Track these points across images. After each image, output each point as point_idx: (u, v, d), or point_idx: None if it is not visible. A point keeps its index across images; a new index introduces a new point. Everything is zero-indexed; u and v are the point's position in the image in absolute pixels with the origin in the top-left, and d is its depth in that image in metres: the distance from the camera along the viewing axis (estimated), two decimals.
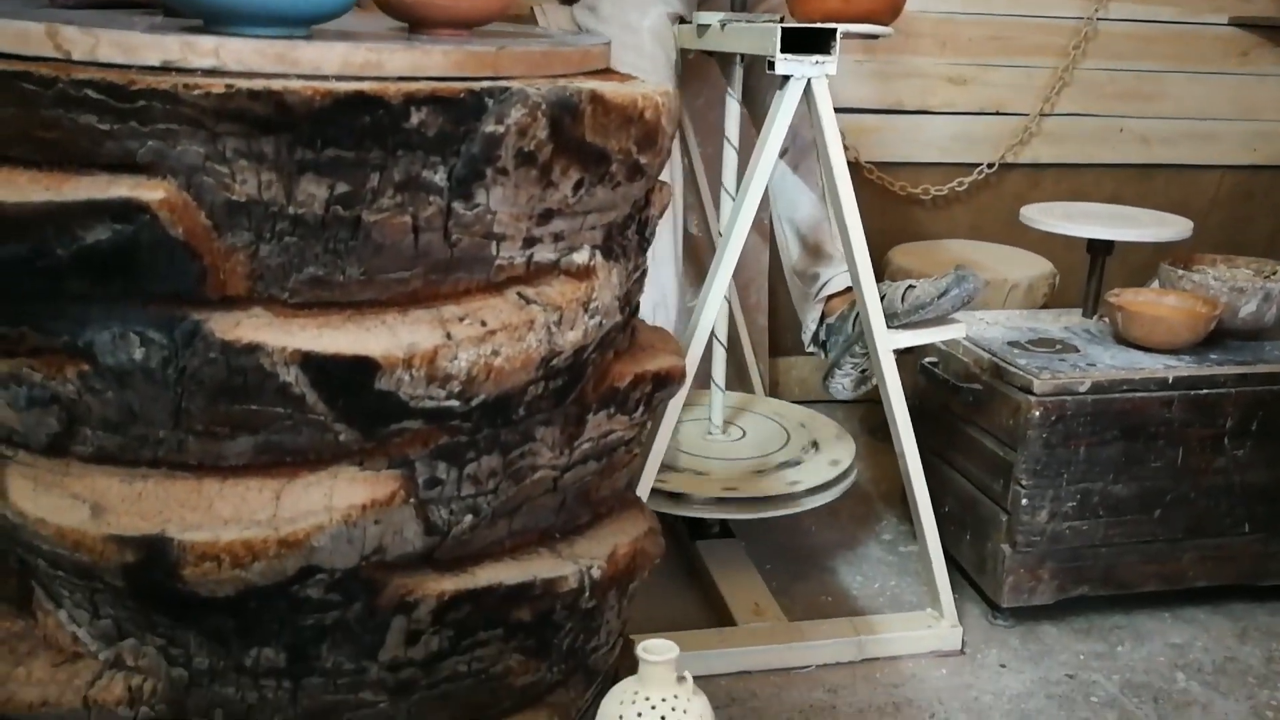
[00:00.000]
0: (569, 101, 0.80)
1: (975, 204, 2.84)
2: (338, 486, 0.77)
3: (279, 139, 0.72)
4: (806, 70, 1.61)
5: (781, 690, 1.72)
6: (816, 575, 2.06)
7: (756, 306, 2.66)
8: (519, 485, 0.87)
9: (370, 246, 0.77)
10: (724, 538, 2.09)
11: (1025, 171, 2.84)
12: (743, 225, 1.67)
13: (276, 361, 0.73)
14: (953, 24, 2.69)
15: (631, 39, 1.86)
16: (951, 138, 2.78)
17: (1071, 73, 2.75)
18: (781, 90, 1.63)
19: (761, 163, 1.65)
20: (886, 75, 2.70)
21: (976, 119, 2.77)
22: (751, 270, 2.64)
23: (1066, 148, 2.83)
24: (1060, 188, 2.86)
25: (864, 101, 2.71)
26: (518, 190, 0.81)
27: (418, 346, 0.76)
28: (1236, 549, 1.93)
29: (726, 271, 1.67)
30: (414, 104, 0.74)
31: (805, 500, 1.90)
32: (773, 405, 2.32)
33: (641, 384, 0.94)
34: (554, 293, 0.84)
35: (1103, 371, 1.82)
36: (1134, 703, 1.71)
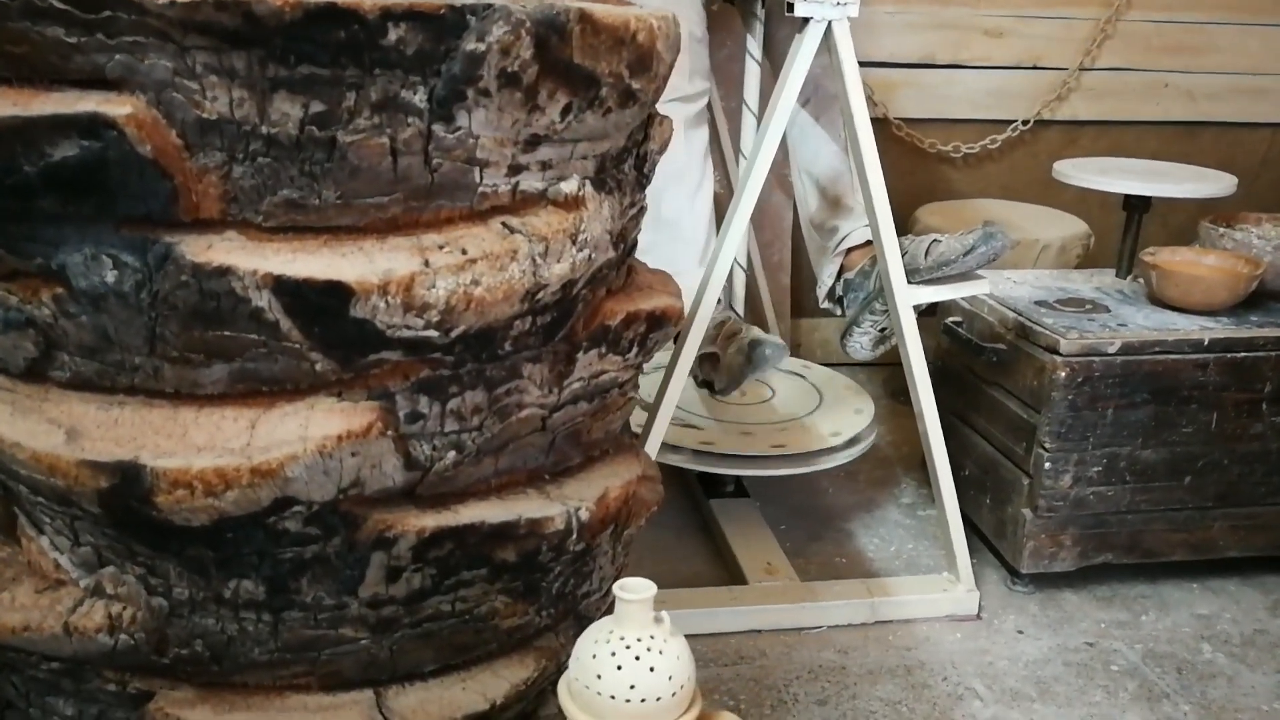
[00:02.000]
0: (555, 20, 0.78)
1: (1008, 162, 2.78)
2: (314, 417, 0.76)
3: (250, 54, 0.71)
4: (826, 11, 1.57)
5: (791, 650, 1.71)
6: (832, 536, 2.04)
7: (779, 265, 2.63)
8: (505, 423, 0.86)
9: (347, 169, 0.75)
10: (739, 496, 2.08)
11: (1062, 129, 2.77)
12: (756, 179, 1.64)
13: (248, 285, 0.72)
14: None
15: None
16: (985, 93, 2.71)
17: (1114, 24, 2.67)
18: (800, 34, 1.60)
19: (778, 111, 1.62)
20: (918, 27, 2.64)
21: (1012, 73, 2.71)
22: (775, 228, 2.61)
23: (1107, 104, 2.76)
24: (1099, 145, 2.79)
25: (894, 55, 2.65)
26: (501, 113, 0.79)
27: (394, 273, 0.75)
28: (1270, 519, 1.89)
29: (740, 226, 1.64)
30: (391, 19, 0.72)
31: (818, 460, 1.88)
32: (793, 365, 2.30)
33: (635, 323, 0.92)
34: (540, 223, 0.82)
35: (1134, 332, 1.78)
36: (1156, 672, 1.69)
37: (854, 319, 1.80)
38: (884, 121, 2.68)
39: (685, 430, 1.90)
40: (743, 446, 1.87)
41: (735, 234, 1.64)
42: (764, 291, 2.58)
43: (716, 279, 1.64)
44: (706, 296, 1.60)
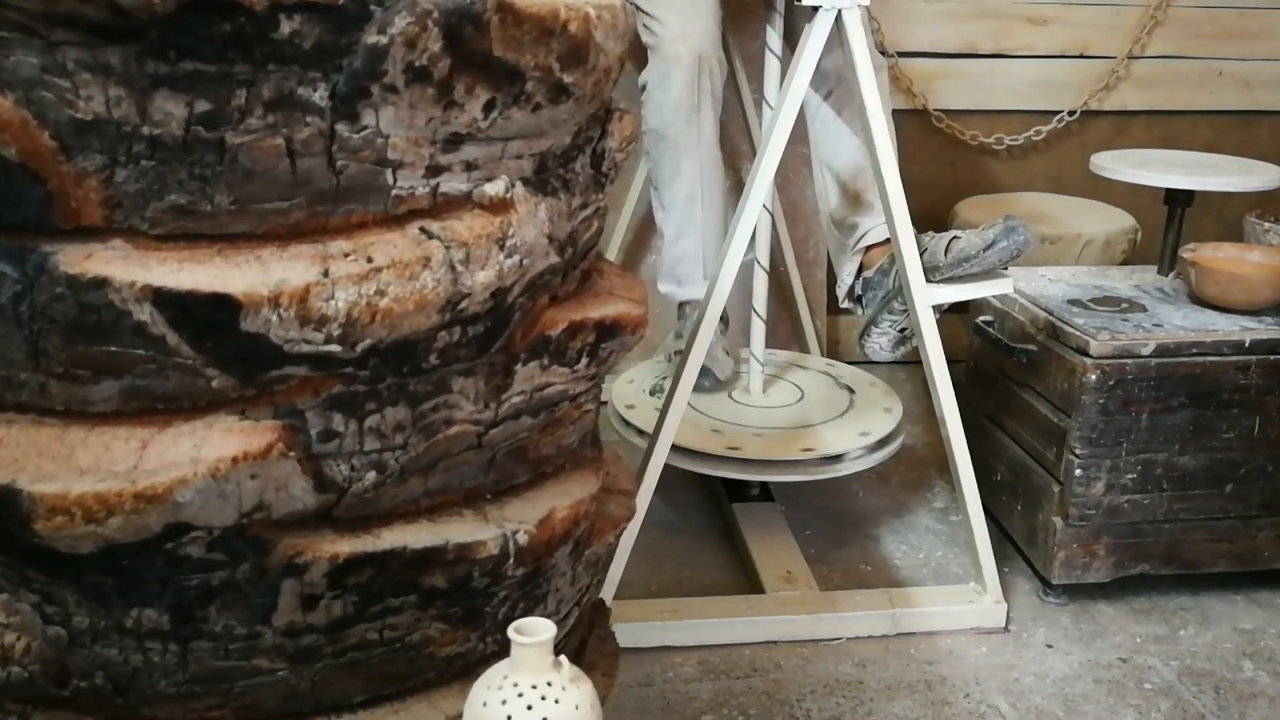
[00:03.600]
0: (469, 10, 0.68)
1: (1054, 154, 2.61)
2: (210, 437, 0.69)
3: (125, 50, 0.63)
4: (837, 1, 1.46)
5: (808, 662, 1.60)
6: (859, 542, 1.92)
7: (814, 261, 2.51)
8: (432, 440, 0.77)
9: (240, 172, 0.67)
10: (763, 501, 1.97)
11: (1111, 119, 2.59)
12: (765, 173, 1.52)
13: (127, 298, 0.65)
14: None
15: None
16: (1030, 83, 2.54)
17: (1165, 10, 2.48)
18: (810, 23, 1.48)
19: (787, 102, 1.50)
20: (958, 16, 2.48)
21: (1058, 62, 2.53)
22: (809, 224, 2.49)
23: (1158, 93, 2.56)
24: (1150, 136, 2.60)
25: (933, 45, 2.50)
26: (413, 111, 0.70)
27: (286, 284, 0.66)
28: None
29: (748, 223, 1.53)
30: (283, 11, 0.64)
31: (840, 466, 1.77)
32: (823, 365, 2.18)
33: (581, 333, 0.83)
34: (462, 228, 0.73)
35: (1169, 333, 1.62)
36: (1192, 691, 1.54)
37: (872, 318, 1.67)
38: (924, 113, 2.53)
39: (706, 434, 1.80)
40: (765, 451, 1.76)
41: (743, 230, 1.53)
42: (797, 288, 2.46)
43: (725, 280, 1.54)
44: (712, 305, 1.50)
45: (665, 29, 1.71)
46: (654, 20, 1.75)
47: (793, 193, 2.43)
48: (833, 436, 1.81)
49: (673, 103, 1.68)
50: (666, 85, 1.69)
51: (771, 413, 1.91)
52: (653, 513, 1.65)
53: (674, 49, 1.70)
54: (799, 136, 1.95)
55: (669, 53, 1.70)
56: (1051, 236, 2.22)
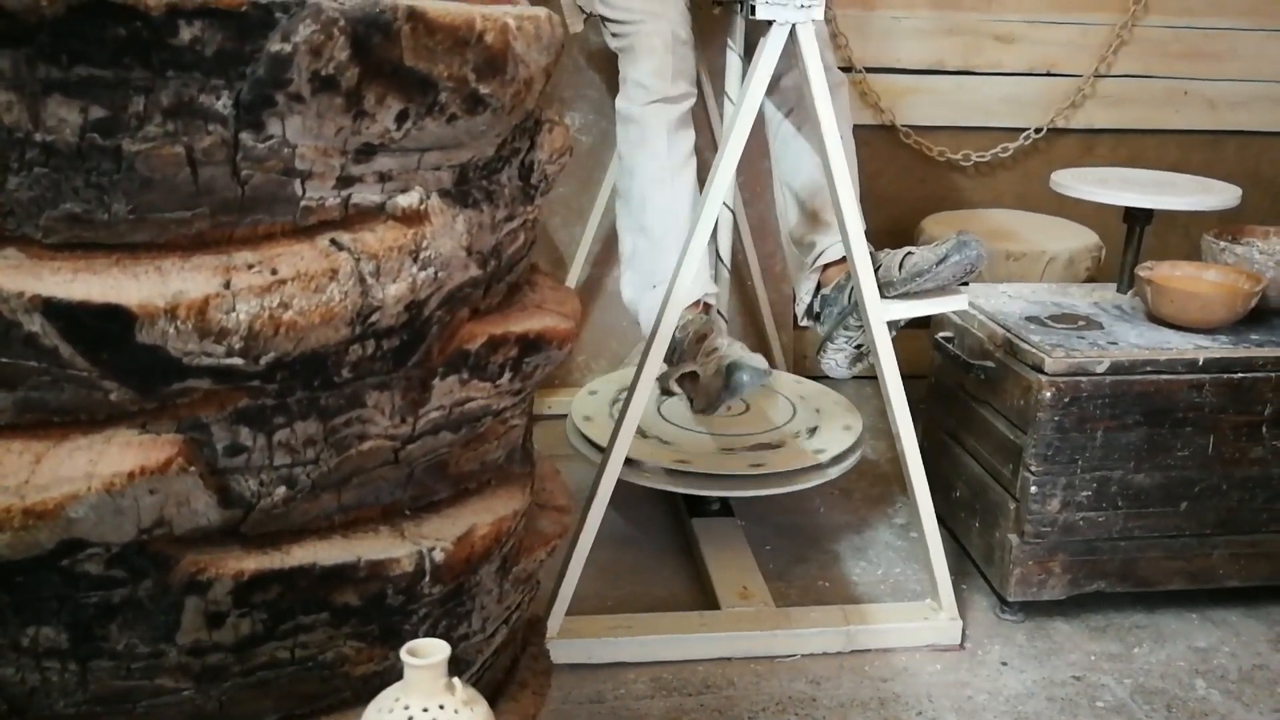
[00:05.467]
0: (378, 19, 0.67)
1: (1021, 171, 2.61)
2: (107, 452, 0.67)
3: (16, 53, 0.62)
4: (790, 15, 1.45)
5: (761, 679, 1.58)
6: (818, 558, 1.91)
7: (781, 276, 2.50)
8: (344, 455, 0.75)
9: (137, 181, 0.66)
10: (723, 516, 1.96)
11: (1078, 137, 2.60)
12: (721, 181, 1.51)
13: (16, 307, 0.63)
14: None
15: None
16: (997, 100, 2.55)
17: (1131, 30, 2.49)
18: (765, 35, 1.47)
19: (741, 117, 1.49)
20: (927, 32, 2.48)
21: (1025, 80, 2.54)
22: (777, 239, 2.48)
23: (1124, 111, 2.57)
24: (1117, 154, 2.60)
25: (902, 61, 2.50)
26: (321, 120, 0.69)
27: (184, 295, 0.65)
28: (1273, 547, 1.71)
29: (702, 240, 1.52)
30: (182, 16, 0.63)
31: (796, 480, 1.75)
32: (786, 379, 2.17)
33: (503, 347, 0.82)
34: (373, 240, 0.72)
35: (1124, 351, 1.62)
36: (1144, 710, 1.53)
37: (828, 334, 1.66)
38: (892, 129, 2.53)
39: (662, 447, 1.79)
40: (722, 465, 1.75)
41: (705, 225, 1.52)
42: (764, 303, 2.45)
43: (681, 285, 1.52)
44: (667, 315, 1.48)
45: (637, 26, 1.70)
46: (623, 24, 1.74)
47: (760, 207, 2.42)
48: (792, 451, 1.80)
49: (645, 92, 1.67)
50: (639, 76, 1.68)
51: (731, 426, 1.90)
52: (611, 527, 1.63)
53: (647, 41, 1.69)
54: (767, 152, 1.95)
55: (642, 46, 1.69)
56: (1016, 253, 2.22)
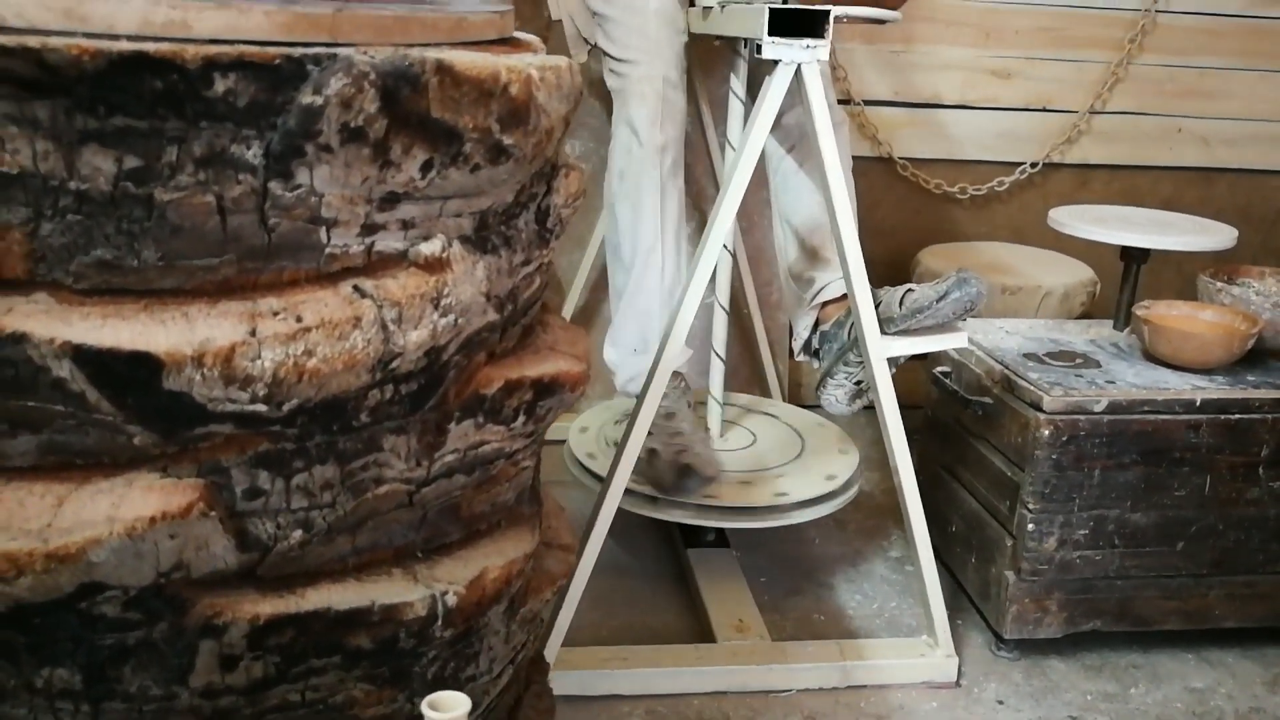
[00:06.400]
0: (408, 72, 0.69)
1: (1017, 205, 2.65)
2: (129, 495, 0.68)
3: (54, 104, 0.63)
4: (796, 55, 1.47)
5: (757, 714, 1.60)
6: (813, 591, 1.92)
7: (777, 305, 2.52)
8: (361, 499, 0.77)
9: (168, 228, 0.67)
10: (719, 547, 1.97)
11: (1073, 172, 2.64)
12: (723, 221, 1.54)
13: (46, 354, 0.64)
14: (998, 14, 2.50)
15: (637, 21, 1.75)
16: (993, 134, 2.59)
17: (1126, 68, 2.53)
18: (770, 75, 1.50)
19: (747, 152, 1.52)
20: (925, 67, 2.52)
21: (1021, 115, 2.58)
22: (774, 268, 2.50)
23: (1119, 148, 2.61)
24: (1111, 189, 2.65)
25: (899, 95, 2.54)
26: (348, 170, 0.70)
27: (211, 343, 0.66)
28: (1269, 588, 1.73)
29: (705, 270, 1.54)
30: (217, 69, 0.64)
31: (793, 514, 1.77)
32: (783, 409, 2.19)
33: (518, 391, 0.83)
34: (395, 286, 0.73)
35: (1122, 390, 1.64)
36: None
37: (828, 370, 1.68)
38: (889, 161, 2.57)
39: None
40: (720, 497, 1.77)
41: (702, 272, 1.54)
42: (760, 331, 2.47)
43: (680, 327, 1.54)
44: (668, 350, 1.50)
45: (633, 69, 1.73)
46: (621, 63, 1.76)
47: (757, 236, 2.45)
48: (788, 483, 1.81)
49: (636, 141, 1.70)
50: (631, 123, 1.71)
51: (728, 457, 1.92)
52: (607, 556, 1.64)
53: (639, 87, 1.72)
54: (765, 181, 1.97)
55: (634, 91, 1.72)
56: (1012, 287, 2.25)
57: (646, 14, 1.75)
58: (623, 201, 1.75)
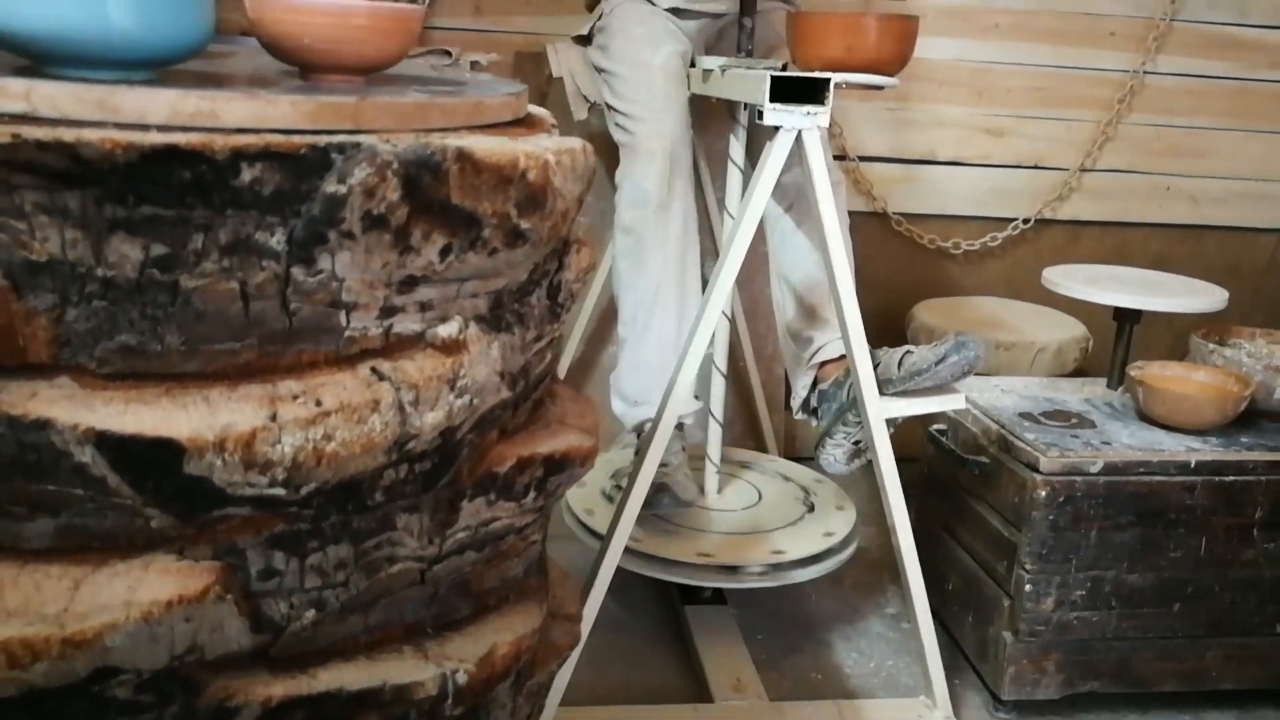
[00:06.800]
0: (429, 160, 0.71)
1: (1010, 260, 2.69)
2: (146, 579, 0.68)
3: (84, 194, 0.64)
4: (797, 121, 1.50)
5: None
6: (810, 649, 1.92)
7: (773, 358, 2.54)
8: (374, 578, 0.77)
9: (191, 314, 0.68)
10: (716, 604, 1.97)
11: (1064, 228, 2.68)
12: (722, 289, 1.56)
13: (69, 440, 0.65)
14: (990, 74, 2.55)
15: (643, 76, 1.78)
16: (986, 191, 2.63)
17: (1115, 127, 2.58)
18: (771, 141, 1.53)
19: (747, 216, 1.54)
20: (919, 124, 2.57)
21: (1013, 172, 2.62)
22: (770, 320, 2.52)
23: (1109, 205, 2.66)
24: (1102, 245, 2.69)
25: (894, 151, 2.58)
26: (369, 255, 0.72)
27: (233, 428, 0.67)
28: (1265, 649, 1.74)
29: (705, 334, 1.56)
30: (244, 159, 0.66)
31: (791, 573, 1.77)
32: (779, 466, 2.19)
33: (529, 468, 0.84)
34: (413, 369, 0.74)
35: (1118, 451, 1.66)
36: None
37: (826, 430, 1.70)
38: (883, 216, 2.60)
39: (659, 537, 1.80)
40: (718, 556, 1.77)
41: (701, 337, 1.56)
42: (755, 384, 2.49)
43: (682, 387, 1.56)
44: (666, 414, 1.52)
45: (640, 125, 1.75)
46: (628, 118, 1.79)
47: (753, 289, 2.47)
48: (786, 542, 1.82)
49: (644, 198, 1.72)
50: (639, 180, 1.73)
51: (726, 516, 1.92)
52: (603, 613, 1.64)
53: (648, 145, 1.74)
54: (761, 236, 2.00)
55: (642, 149, 1.74)
56: (1006, 343, 2.27)
57: (652, 70, 1.78)
58: (626, 256, 1.77)
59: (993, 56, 2.54)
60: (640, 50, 1.79)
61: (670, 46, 1.80)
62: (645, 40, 1.80)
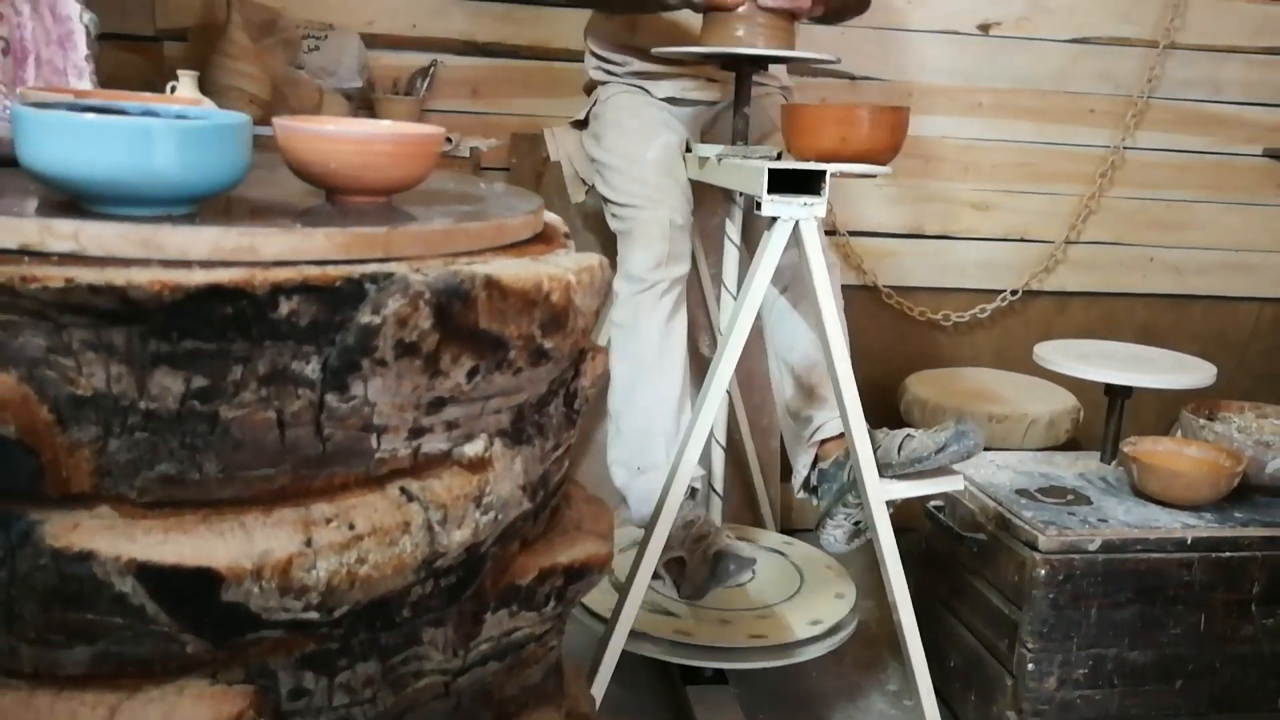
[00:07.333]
0: (459, 288, 0.74)
1: (999, 330, 2.74)
2: (180, 704, 0.70)
3: (130, 330, 0.67)
4: (794, 212, 1.55)
5: None
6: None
7: (768, 430, 2.56)
8: (400, 693, 0.79)
9: (229, 443, 0.70)
10: (717, 683, 1.97)
11: (1052, 299, 2.73)
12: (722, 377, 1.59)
13: (111, 571, 0.67)
14: (976, 150, 2.62)
15: (636, 170, 1.82)
16: (975, 263, 2.69)
17: (1098, 200, 2.66)
18: (769, 230, 1.57)
19: (746, 306, 1.58)
20: (908, 199, 2.63)
21: (1000, 245, 2.69)
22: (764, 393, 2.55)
23: (1095, 276, 2.72)
24: (1090, 315, 2.74)
25: (884, 225, 2.64)
26: (400, 380, 0.74)
27: (270, 555, 0.69)
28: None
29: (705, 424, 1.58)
30: (282, 293, 0.69)
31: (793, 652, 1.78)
32: (777, 542, 2.21)
33: (550, 578, 0.86)
34: (441, 488, 0.77)
35: (1115, 529, 1.69)
36: None
37: (827, 511, 1.72)
38: (874, 289, 2.65)
39: (659, 618, 1.81)
40: (718, 637, 1.78)
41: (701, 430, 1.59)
42: (752, 457, 2.51)
43: (682, 475, 1.58)
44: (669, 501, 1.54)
45: (635, 213, 1.78)
46: (622, 208, 1.82)
47: (749, 362, 2.49)
48: (786, 622, 1.83)
49: (639, 280, 1.74)
50: (634, 265, 1.75)
51: (727, 594, 1.93)
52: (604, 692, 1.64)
53: (644, 230, 1.77)
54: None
55: (638, 234, 1.77)
56: (999, 416, 2.31)
57: (645, 165, 1.82)
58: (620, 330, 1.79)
59: (978, 133, 2.61)
60: (634, 144, 1.84)
61: (664, 138, 1.84)
62: (639, 133, 1.84)
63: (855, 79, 2.53)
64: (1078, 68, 2.58)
